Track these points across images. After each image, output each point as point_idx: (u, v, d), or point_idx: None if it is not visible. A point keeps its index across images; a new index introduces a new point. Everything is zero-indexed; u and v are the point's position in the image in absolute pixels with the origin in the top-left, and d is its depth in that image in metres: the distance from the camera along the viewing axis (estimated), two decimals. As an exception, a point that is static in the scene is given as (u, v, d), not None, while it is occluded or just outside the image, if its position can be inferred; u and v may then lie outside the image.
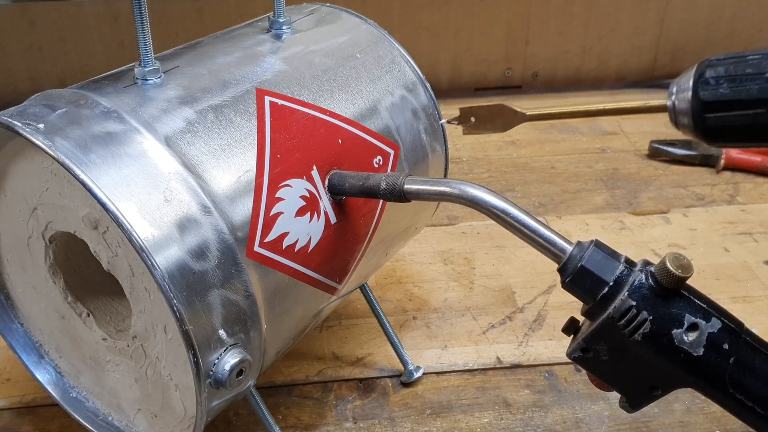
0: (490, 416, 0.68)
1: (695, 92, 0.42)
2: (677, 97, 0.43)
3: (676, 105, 0.43)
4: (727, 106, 0.41)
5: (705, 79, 0.42)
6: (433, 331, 0.77)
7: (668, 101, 0.44)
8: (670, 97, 0.44)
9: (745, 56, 0.41)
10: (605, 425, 0.66)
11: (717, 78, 0.41)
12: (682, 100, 0.43)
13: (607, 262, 0.44)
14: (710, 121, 0.42)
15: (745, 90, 0.40)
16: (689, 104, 0.42)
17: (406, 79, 0.65)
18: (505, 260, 0.87)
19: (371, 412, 0.68)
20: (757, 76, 0.40)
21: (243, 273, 0.49)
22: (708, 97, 0.41)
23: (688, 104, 0.42)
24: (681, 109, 0.43)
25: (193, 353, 0.46)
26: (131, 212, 0.45)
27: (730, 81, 0.41)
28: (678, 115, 0.43)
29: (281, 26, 0.63)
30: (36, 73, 1.16)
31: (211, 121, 0.51)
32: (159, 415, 0.55)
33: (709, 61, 0.43)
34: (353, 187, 0.54)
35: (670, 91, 0.44)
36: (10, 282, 0.61)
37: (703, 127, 0.42)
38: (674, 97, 0.43)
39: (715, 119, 0.42)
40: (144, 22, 0.52)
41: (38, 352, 0.62)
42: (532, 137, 1.13)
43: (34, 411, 0.68)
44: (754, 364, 0.43)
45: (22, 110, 0.50)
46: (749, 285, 0.81)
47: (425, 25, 1.20)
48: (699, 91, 0.42)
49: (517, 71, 1.26)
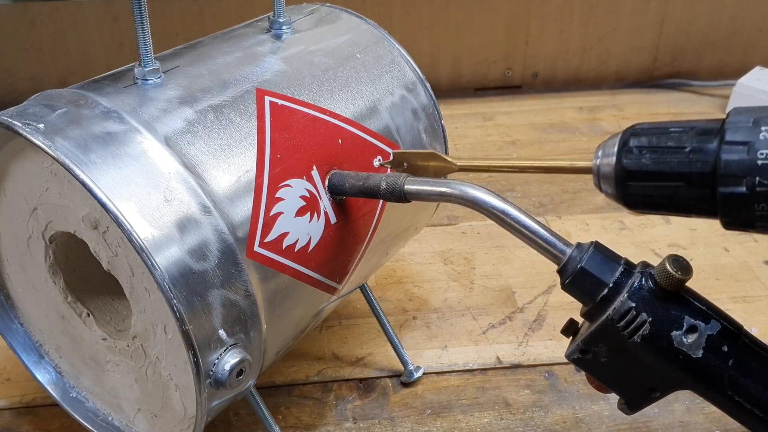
0: (490, 416, 0.68)
1: (619, 159, 0.43)
2: (602, 161, 0.44)
3: (600, 169, 0.44)
4: (648, 176, 0.42)
5: (629, 147, 0.42)
6: (433, 331, 0.77)
7: (593, 164, 0.44)
8: (596, 160, 0.44)
9: (667, 128, 0.42)
10: (605, 425, 0.66)
11: (640, 148, 0.42)
12: (606, 164, 0.43)
13: (606, 264, 0.45)
14: (632, 189, 0.43)
15: (666, 163, 0.41)
16: (613, 170, 0.43)
17: (406, 79, 0.65)
18: (505, 260, 0.87)
19: (371, 412, 0.68)
20: (678, 150, 0.41)
21: (243, 273, 0.49)
22: (630, 166, 0.42)
23: (611, 170, 0.43)
24: (605, 173, 0.43)
25: (193, 353, 0.46)
26: (131, 212, 0.45)
27: (652, 152, 0.41)
28: (602, 179, 0.44)
29: (281, 26, 0.63)
30: (36, 73, 1.16)
31: (211, 121, 0.51)
32: (159, 415, 0.55)
33: (633, 129, 0.43)
34: (353, 187, 0.54)
35: (596, 154, 0.44)
36: (10, 282, 0.61)
37: (625, 195, 0.43)
38: (599, 160, 0.44)
39: (636, 188, 0.42)
40: (144, 22, 0.52)
41: (38, 352, 0.62)
42: (532, 137, 1.13)
43: (34, 411, 0.68)
44: (753, 366, 0.43)
45: (22, 110, 0.50)
46: (749, 285, 0.81)
47: (425, 25, 1.20)
48: (623, 158, 0.42)
49: (517, 71, 1.26)
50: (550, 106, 1.22)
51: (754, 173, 0.37)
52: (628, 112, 1.20)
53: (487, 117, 1.19)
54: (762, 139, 0.38)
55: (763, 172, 0.37)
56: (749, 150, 0.38)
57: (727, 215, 0.40)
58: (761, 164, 0.37)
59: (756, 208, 0.38)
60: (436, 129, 0.66)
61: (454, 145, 1.10)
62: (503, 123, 1.17)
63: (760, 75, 1.18)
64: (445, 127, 0.67)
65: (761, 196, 0.38)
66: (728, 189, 0.38)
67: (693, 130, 0.41)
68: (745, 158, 0.38)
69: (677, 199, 0.41)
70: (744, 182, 0.38)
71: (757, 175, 0.37)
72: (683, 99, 1.24)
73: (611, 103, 1.23)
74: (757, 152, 0.37)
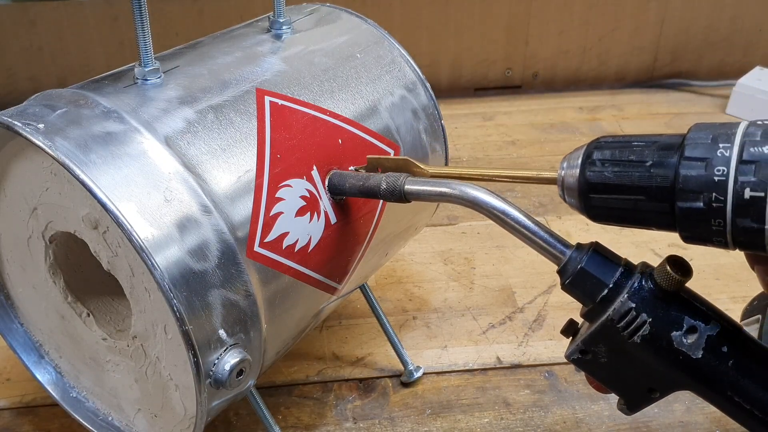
0: (490, 416, 0.68)
1: (582, 171, 0.43)
2: (566, 172, 0.44)
3: (564, 180, 0.45)
4: (610, 189, 0.42)
5: (592, 160, 0.43)
6: (433, 331, 0.77)
7: (558, 175, 0.45)
8: (560, 171, 0.45)
9: (630, 142, 0.43)
10: (605, 425, 0.66)
11: (603, 161, 0.43)
12: (570, 176, 0.44)
13: (606, 265, 0.45)
14: (594, 201, 0.43)
15: (627, 176, 0.42)
16: (576, 182, 0.44)
17: (406, 79, 0.65)
18: (505, 260, 0.87)
19: (371, 412, 0.68)
20: (639, 164, 0.41)
21: (243, 273, 0.49)
22: (593, 179, 0.43)
23: (575, 181, 0.44)
24: (569, 184, 0.44)
25: (193, 353, 0.46)
26: (131, 212, 0.45)
27: (614, 165, 0.42)
28: (566, 190, 0.45)
29: (281, 26, 0.63)
30: (36, 73, 1.16)
31: (211, 121, 0.51)
32: (159, 415, 0.55)
33: (597, 142, 0.44)
34: (353, 187, 0.54)
35: (561, 165, 0.45)
36: (10, 282, 0.61)
37: (587, 206, 0.44)
38: (564, 172, 0.45)
39: (599, 200, 0.43)
40: (144, 22, 0.52)
41: (38, 352, 0.62)
42: (532, 137, 1.13)
43: (34, 411, 0.68)
44: (753, 367, 0.43)
45: (22, 110, 0.50)
46: (749, 285, 0.81)
47: (425, 25, 1.20)
48: (586, 171, 0.43)
49: (517, 71, 1.26)
50: (550, 106, 1.22)
51: (711, 189, 0.38)
52: (628, 112, 1.20)
53: (487, 117, 1.19)
54: (719, 156, 0.38)
55: (720, 188, 0.38)
56: (707, 166, 0.39)
57: (685, 229, 0.41)
58: (717, 180, 0.38)
59: (713, 223, 0.39)
60: (436, 129, 0.66)
61: (454, 145, 1.10)
62: (503, 123, 1.17)
63: (760, 75, 1.18)
64: (445, 127, 0.67)
65: (717, 212, 0.39)
66: (686, 204, 0.39)
67: (655, 144, 0.41)
68: (703, 174, 0.39)
69: (638, 212, 0.42)
70: (701, 198, 0.39)
71: (713, 191, 0.38)
72: (683, 99, 1.24)
73: (611, 103, 1.23)
74: (714, 169, 0.38)
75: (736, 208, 0.38)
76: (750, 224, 0.38)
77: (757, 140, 0.38)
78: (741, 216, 0.38)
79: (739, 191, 0.38)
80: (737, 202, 0.38)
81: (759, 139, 0.38)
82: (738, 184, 0.38)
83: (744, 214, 0.38)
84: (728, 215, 0.38)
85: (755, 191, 0.37)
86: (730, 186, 0.38)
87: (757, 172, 0.37)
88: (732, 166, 0.38)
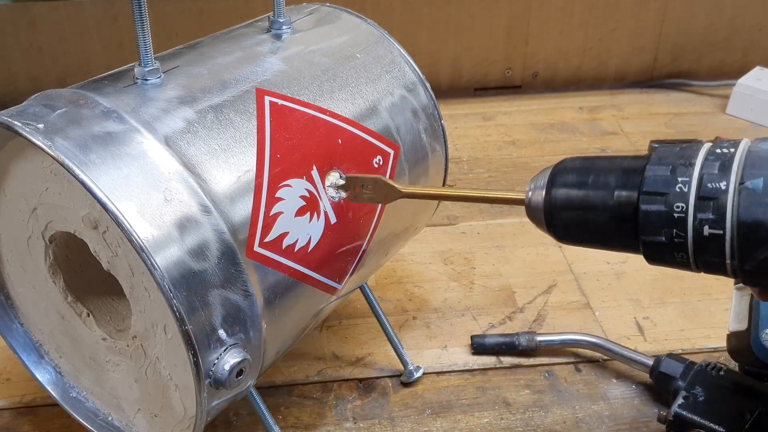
0: (490, 416, 0.68)
1: (548, 193, 0.44)
2: (533, 193, 0.45)
3: (531, 201, 0.45)
4: (575, 210, 0.43)
5: (557, 182, 0.44)
6: (433, 331, 0.77)
7: (526, 196, 0.46)
8: (528, 193, 0.46)
9: (595, 164, 0.43)
10: (605, 425, 0.66)
11: (568, 183, 0.43)
12: (536, 197, 0.45)
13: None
14: (559, 222, 0.44)
15: (592, 199, 0.42)
16: (542, 203, 0.44)
17: (406, 79, 0.65)
18: (505, 260, 0.87)
19: (371, 412, 0.68)
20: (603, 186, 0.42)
21: (243, 273, 0.49)
22: (558, 200, 0.44)
23: (541, 202, 0.44)
24: (535, 204, 0.45)
25: (193, 353, 0.46)
26: (131, 212, 0.45)
27: (579, 188, 0.43)
28: (533, 211, 0.45)
29: (281, 26, 0.63)
30: (36, 73, 1.16)
31: (211, 121, 0.51)
32: (159, 415, 0.55)
33: (563, 164, 0.45)
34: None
35: (528, 186, 0.46)
36: (10, 282, 0.61)
37: (553, 227, 0.44)
38: (531, 193, 0.45)
39: (563, 222, 0.44)
40: (144, 22, 0.52)
41: (38, 352, 0.62)
42: (532, 137, 1.13)
43: (34, 411, 0.68)
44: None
45: (22, 110, 0.50)
46: (749, 285, 0.81)
47: (425, 25, 1.20)
48: (551, 193, 0.44)
49: (517, 71, 1.26)
50: (550, 106, 1.22)
51: (672, 226, 0.39)
52: (628, 112, 1.20)
53: (487, 117, 1.19)
54: (677, 192, 0.39)
55: (679, 225, 0.39)
56: (666, 202, 0.39)
57: (650, 258, 0.41)
58: (677, 217, 0.39)
59: (676, 256, 0.40)
60: (435, 129, 0.66)
61: (454, 145, 1.10)
62: (503, 123, 1.17)
63: (760, 75, 1.18)
64: (444, 127, 0.67)
65: (679, 246, 0.39)
66: (648, 238, 0.40)
67: (619, 168, 0.42)
68: (663, 210, 0.39)
69: (602, 234, 0.43)
70: (663, 233, 0.39)
71: (674, 227, 0.39)
72: (683, 99, 1.24)
73: (611, 103, 1.23)
74: (673, 206, 0.39)
75: (696, 244, 0.38)
76: (711, 258, 0.38)
77: (714, 174, 0.38)
78: (702, 252, 0.39)
79: (698, 228, 0.38)
80: (697, 238, 0.38)
81: (716, 173, 0.38)
82: (696, 221, 0.38)
83: (704, 250, 0.38)
84: (690, 249, 0.39)
85: (714, 229, 0.38)
86: (690, 223, 0.38)
87: (715, 209, 0.37)
88: (690, 203, 0.38)
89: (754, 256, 0.37)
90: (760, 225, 0.36)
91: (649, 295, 0.81)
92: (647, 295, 0.81)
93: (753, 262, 0.37)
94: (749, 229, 0.37)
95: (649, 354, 0.69)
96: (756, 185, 0.37)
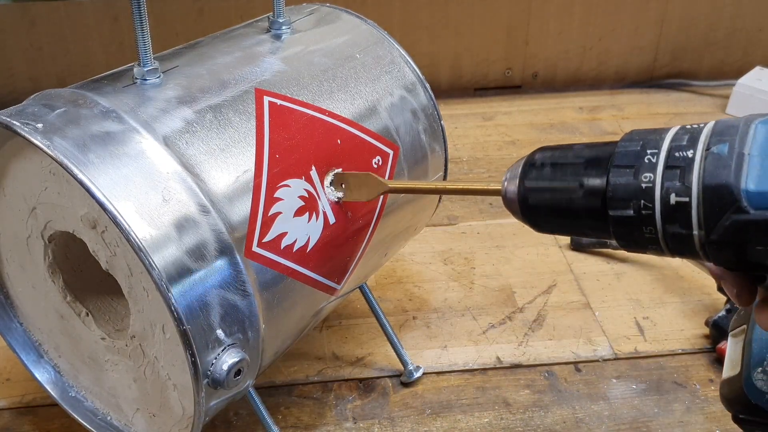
0: (490, 416, 0.68)
1: (522, 180, 0.44)
2: (508, 182, 0.45)
3: (507, 190, 0.45)
4: (547, 196, 0.43)
5: (530, 168, 0.44)
6: (433, 331, 0.77)
7: (502, 186, 0.46)
8: (504, 182, 0.46)
9: (570, 147, 0.43)
10: (605, 425, 0.66)
11: (541, 166, 0.43)
12: (512, 186, 0.45)
13: None
14: (533, 209, 0.44)
15: (562, 179, 0.42)
16: (516, 190, 0.44)
17: (406, 79, 0.65)
18: (505, 260, 0.87)
19: (371, 412, 0.68)
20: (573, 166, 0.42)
21: (241, 273, 0.49)
22: (530, 185, 0.44)
23: (515, 189, 0.44)
24: (511, 193, 0.45)
25: (191, 353, 0.46)
26: (129, 212, 0.45)
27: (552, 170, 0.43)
28: (508, 201, 0.45)
29: (281, 26, 0.63)
30: (36, 73, 1.16)
31: (210, 121, 0.51)
32: (157, 415, 0.55)
33: (539, 149, 0.45)
34: None
35: (504, 176, 0.46)
36: (9, 281, 0.61)
37: (528, 215, 0.44)
38: (506, 183, 0.45)
39: (537, 208, 0.44)
40: (143, 22, 0.52)
41: (37, 351, 0.62)
42: (532, 137, 1.13)
43: (34, 411, 0.68)
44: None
45: (21, 110, 0.50)
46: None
47: (425, 25, 1.20)
48: (525, 179, 0.44)
49: (517, 71, 1.26)
50: (550, 106, 1.22)
51: (639, 197, 0.39)
52: (628, 112, 1.20)
53: (487, 117, 1.19)
54: (646, 163, 0.39)
55: (647, 195, 0.38)
56: (635, 173, 0.39)
57: (620, 237, 0.41)
58: (645, 187, 0.38)
59: (645, 231, 0.39)
60: (435, 129, 0.66)
61: (454, 145, 1.10)
62: (503, 123, 1.17)
63: (760, 75, 1.18)
64: (444, 127, 0.67)
65: (647, 219, 0.39)
66: (617, 212, 0.39)
67: (591, 149, 0.42)
68: (631, 182, 0.39)
69: (574, 218, 0.42)
70: (631, 205, 0.39)
71: (642, 198, 0.38)
72: (683, 99, 1.23)
73: (611, 103, 1.23)
74: (642, 175, 0.38)
75: (664, 215, 0.38)
76: (679, 230, 0.38)
77: (683, 144, 0.38)
78: (669, 222, 0.38)
79: (665, 197, 0.38)
80: (664, 208, 0.38)
81: (685, 144, 0.38)
82: (663, 190, 0.38)
83: (672, 221, 0.38)
84: (658, 222, 0.38)
85: (680, 197, 0.37)
86: (657, 192, 0.38)
87: (682, 177, 0.37)
88: (658, 172, 0.38)
89: (720, 224, 0.36)
90: (724, 188, 0.36)
91: (649, 295, 0.81)
92: (647, 295, 0.81)
93: (719, 231, 0.37)
94: (714, 193, 0.36)
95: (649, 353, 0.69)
96: (721, 150, 0.37)
